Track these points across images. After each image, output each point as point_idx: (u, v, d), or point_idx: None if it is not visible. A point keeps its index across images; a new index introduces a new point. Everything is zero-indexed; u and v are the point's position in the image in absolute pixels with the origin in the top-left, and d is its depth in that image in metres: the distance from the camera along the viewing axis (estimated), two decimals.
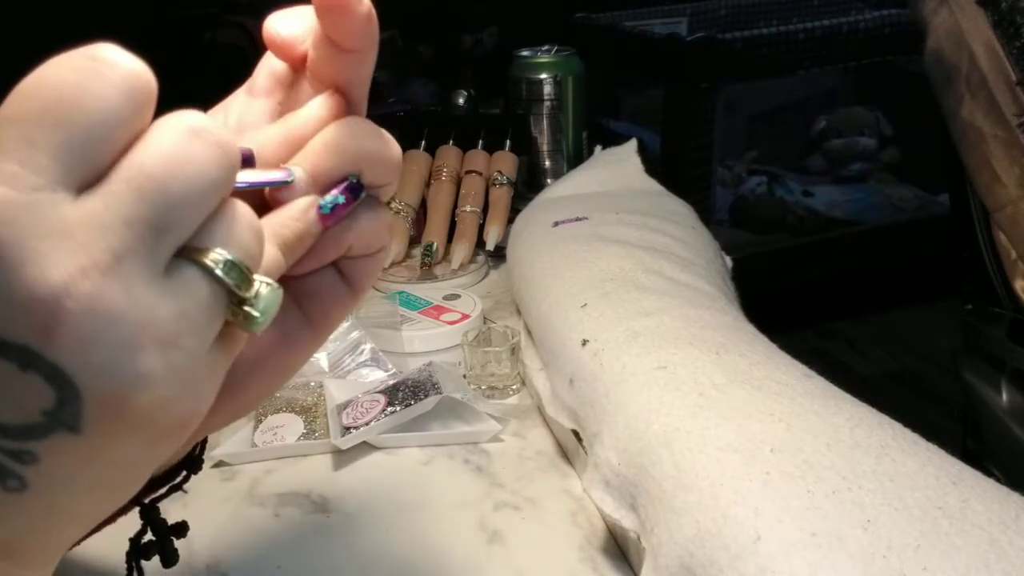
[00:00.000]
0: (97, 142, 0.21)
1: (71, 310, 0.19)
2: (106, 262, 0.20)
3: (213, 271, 0.22)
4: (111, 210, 0.20)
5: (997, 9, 0.67)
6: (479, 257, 0.88)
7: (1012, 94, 0.67)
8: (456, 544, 0.49)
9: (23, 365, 0.19)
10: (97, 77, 0.21)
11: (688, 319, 0.50)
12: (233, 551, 0.49)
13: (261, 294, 0.23)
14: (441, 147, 0.96)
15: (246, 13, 1.29)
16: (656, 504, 0.39)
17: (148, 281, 0.21)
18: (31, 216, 0.19)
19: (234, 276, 0.22)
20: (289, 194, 0.26)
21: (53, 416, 0.20)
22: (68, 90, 0.20)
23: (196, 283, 0.22)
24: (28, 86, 0.20)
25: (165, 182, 0.21)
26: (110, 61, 0.21)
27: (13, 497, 0.20)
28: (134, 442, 0.21)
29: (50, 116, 0.20)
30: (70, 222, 0.20)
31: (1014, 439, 0.73)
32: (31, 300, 0.19)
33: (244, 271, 0.23)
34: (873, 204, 1.86)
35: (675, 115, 1.47)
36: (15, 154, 0.20)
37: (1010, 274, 0.74)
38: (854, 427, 0.38)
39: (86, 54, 0.21)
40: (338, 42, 0.26)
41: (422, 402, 0.57)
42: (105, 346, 0.20)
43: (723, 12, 1.75)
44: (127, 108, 0.21)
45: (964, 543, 0.31)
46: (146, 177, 0.21)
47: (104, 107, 0.20)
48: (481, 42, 1.49)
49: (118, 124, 0.21)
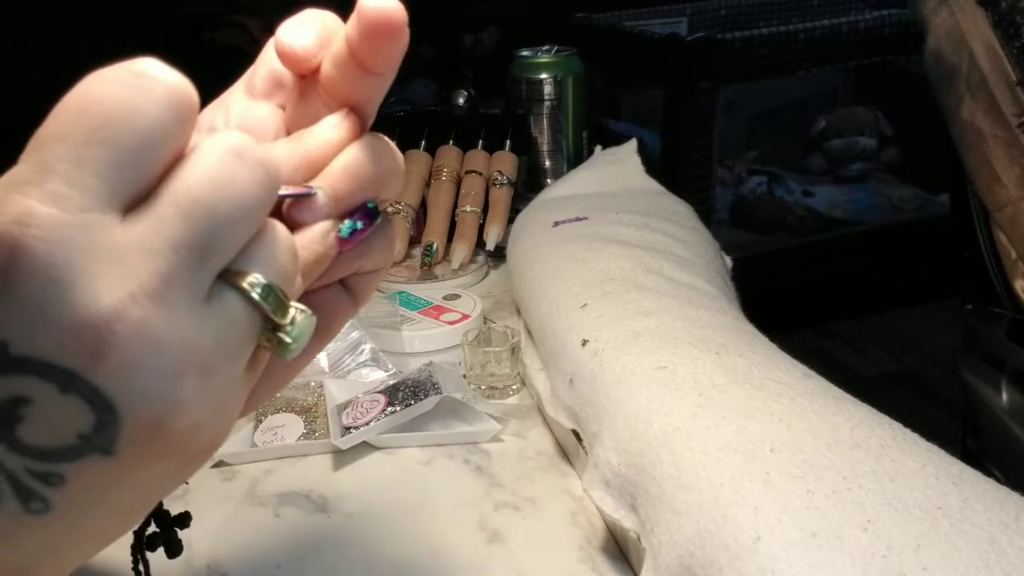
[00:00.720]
0: (145, 160, 0.20)
1: (120, 335, 0.19)
2: (154, 287, 0.20)
3: (252, 296, 0.22)
4: (159, 234, 0.20)
5: (997, 9, 0.67)
6: (479, 257, 0.88)
7: (1012, 94, 0.67)
8: (456, 544, 0.49)
9: (64, 388, 0.19)
10: (143, 93, 0.20)
11: (688, 319, 0.50)
12: (233, 551, 0.49)
13: (296, 321, 0.23)
14: (441, 147, 0.96)
15: (246, 13, 1.29)
16: (656, 504, 0.39)
17: (191, 306, 0.20)
18: (82, 238, 0.19)
19: (271, 302, 0.22)
20: (309, 212, 0.25)
21: (88, 439, 0.19)
22: (115, 107, 0.20)
23: (235, 308, 0.22)
24: (73, 102, 0.20)
25: (212, 205, 0.21)
26: (154, 76, 0.21)
27: (35, 519, 0.20)
28: (164, 466, 0.21)
29: (98, 134, 0.20)
30: (120, 245, 0.19)
31: (1014, 439, 0.73)
32: (81, 324, 0.19)
33: (281, 297, 0.22)
34: (873, 204, 1.86)
35: (675, 115, 1.47)
36: (64, 174, 0.19)
37: (1010, 274, 0.74)
38: (854, 427, 0.38)
39: (130, 69, 0.20)
40: (368, 66, 0.25)
41: (422, 402, 0.57)
42: (149, 372, 0.19)
43: (723, 12, 1.75)
44: (173, 124, 0.21)
45: (964, 543, 0.31)
46: (193, 200, 0.20)
47: (151, 124, 0.20)
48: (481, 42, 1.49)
49: (165, 141, 0.21)
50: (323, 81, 0.26)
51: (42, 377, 0.19)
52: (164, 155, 0.21)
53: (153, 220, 0.20)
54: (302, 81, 0.27)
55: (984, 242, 0.76)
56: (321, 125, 0.26)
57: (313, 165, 0.26)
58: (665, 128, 1.50)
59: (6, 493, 0.19)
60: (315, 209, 0.25)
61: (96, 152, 0.19)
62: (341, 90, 0.26)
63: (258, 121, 0.27)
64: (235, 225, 0.21)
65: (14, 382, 0.19)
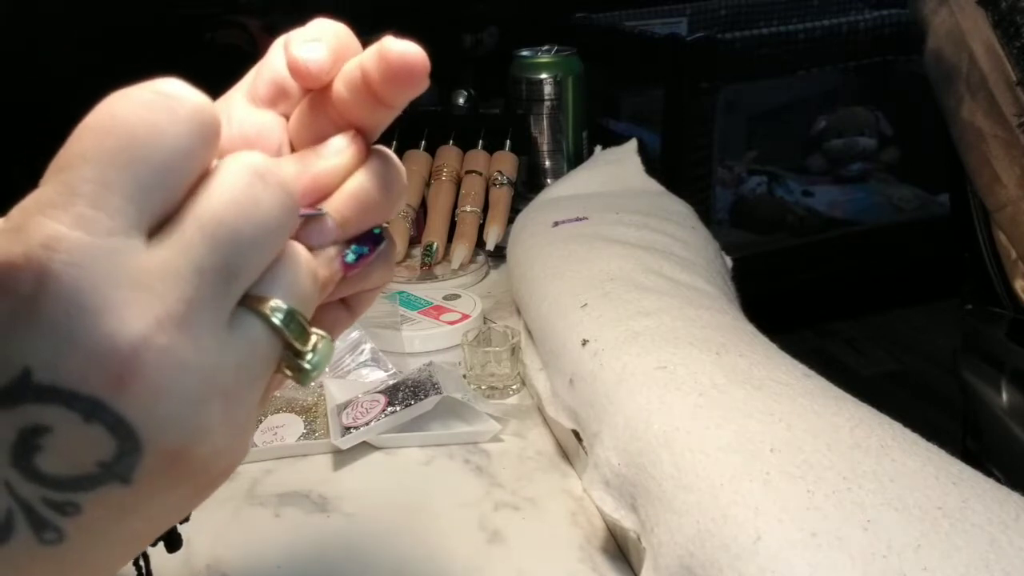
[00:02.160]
0: (171, 182, 0.20)
1: (147, 362, 0.19)
2: (180, 312, 0.19)
3: (274, 322, 0.21)
4: (185, 257, 0.20)
5: (997, 9, 0.67)
6: (479, 257, 0.88)
7: (1012, 94, 0.67)
8: (456, 544, 0.49)
9: (88, 417, 0.18)
10: (168, 114, 0.20)
11: (688, 319, 0.50)
12: (233, 551, 0.49)
13: (318, 347, 0.23)
14: (441, 147, 0.96)
15: (246, 13, 1.29)
16: (656, 504, 0.39)
17: (215, 332, 0.20)
18: (108, 263, 0.19)
19: (293, 328, 0.22)
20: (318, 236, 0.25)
21: (108, 467, 0.19)
22: (142, 128, 0.20)
23: (257, 334, 0.21)
24: (98, 122, 0.20)
25: (237, 228, 0.20)
26: (180, 97, 0.20)
27: (47, 550, 0.19)
28: (180, 492, 0.21)
29: (124, 156, 0.19)
30: (146, 270, 0.19)
31: (1014, 439, 0.73)
32: (108, 351, 0.18)
33: (303, 323, 0.22)
34: (873, 204, 1.86)
35: (675, 115, 1.47)
36: (90, 196, 0.19)
37: (1010, 274, 0.74)
38: (854, 427, 0.38)
39: (156, 89, 0.20)
40: (383, 100, 0.24)
41: (422, 402, 0.57)
42: (174, 399, 0.19)
43: (723, 12, 1.75)
44: (198, 145, 0.20)
45: (964, 543, 0.31)
46: (218, 223, 0.20)
47: (178, 146, 0.20)
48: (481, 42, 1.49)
49: (190, 162, 0.20)
50: (334, 100, 0.25)
51: (66, 406, 0.18)
52: (189, 176, 0.21)
53: (178, 243, 0.20)
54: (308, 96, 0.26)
55: (984, 242, 0.76)
56: (328, 148, 0.25)
57: (320, 189, 0.25)
58: (665, 128, 1.50)
59: (20, 524, 0.19)
60: (324, 233, 0.25)
61: (123, 174, 0.19)
62: (351, 113, 0.25)
63: (261, 129, 0.27)
64: (259, 247, 0.21)
65: (35, 411, 0.18)
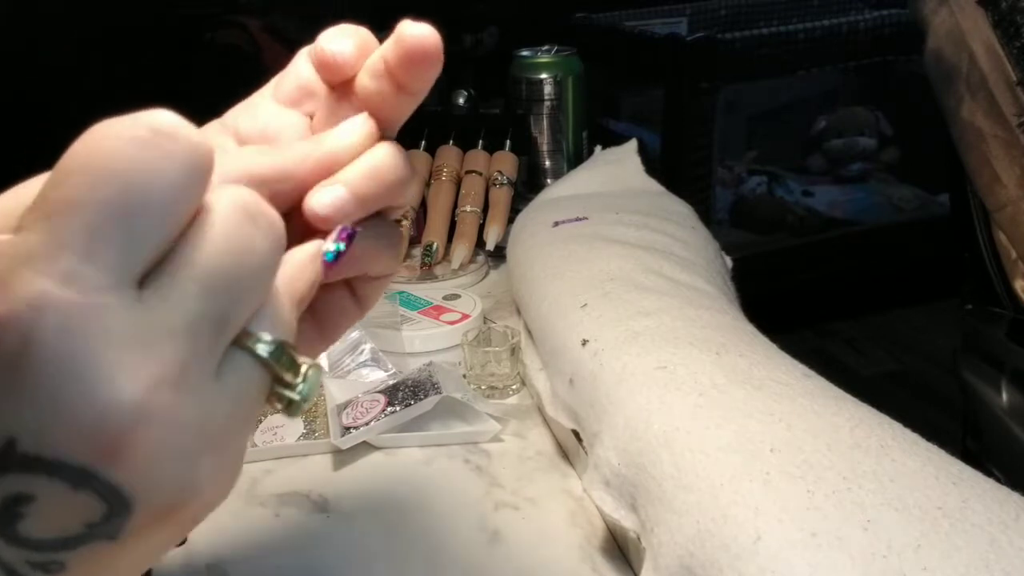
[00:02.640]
0: (163, 228, 0.19)
1: (141, 428, 0.18)
2: (176, 372, 0.18)
3: (263, 357, 0.21)
4: (178, 311, 0.19)
5: (997, 9, 0.67)
6: (479, 257, 0.88)
7: (1012, 94, 0.67)
8: (456, 544, 0.49)
9: (77, 486, 0.18)
10: (163, 156, 0.19)
11: (688, 319, 0.50)
12: (233, 551, 0.49)
13: (308, 377, 0.22)
14: (441, 147, 0.96)
15: (246, 13, 1.29)
16: (656, 504, 0.39)
17: (207, 382, 0.19)
18: (99, 323, 0.18)
19: (284, 361, 0.21)
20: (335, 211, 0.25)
21: (95, 527, 0.18)
22: (135, 173, 0.18)
23: (248, 372, 0.21)
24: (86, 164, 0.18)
25: (232, 277, 0.20)
26: (172, 135, 0.19)
27: None
28: (166, 535, 0.20)
29: (116, 204, 0.18)
30: (138, 327, 0.18)
31: (1014, 439, 0.73)
32: (99, 419, 0.17)
33: (292, 353, 0.22)
34: (873, 204, 1.86)
35: (675, 115, 1.47)
36: (79, 249, 0.18)
37: (1010, 274, 0.74)
38: (854, 427, 0.38)
39: (148, 126, 0.19)
40: (404, 85, 0.26)
41: (422, 402, 0.57)
42: (168, 461, 0.18)
43: (723, 12, 1.75)
44: (193, 188, 0.19)
45: (964, 543, 0.31)
46: (213, 274, 0.19)
47: (172, 191, 0.19)
48: (481, 42, 1.49)
49: (184, 206, 0.19)
50: (358, 92, 0.26)
51: (52, 476, 0.17)
52: (182, 220, 0.20)
53: (172, 296, 0.19)
54: (333, 93, 0.27)
55: (984, 242, 0.76)
56: (342, 126, 0.26)
57: (331, 165, 0.25)
58: (665, 128, 1.50)
59: None
60: (340, 208, 0.25)
61: (114, 223, 0.18)
62: (374, 103, 0.26)
63: (283, 128, 0.27)
64: (253, 293, 0.21)
65: (19, 480, 0.17)
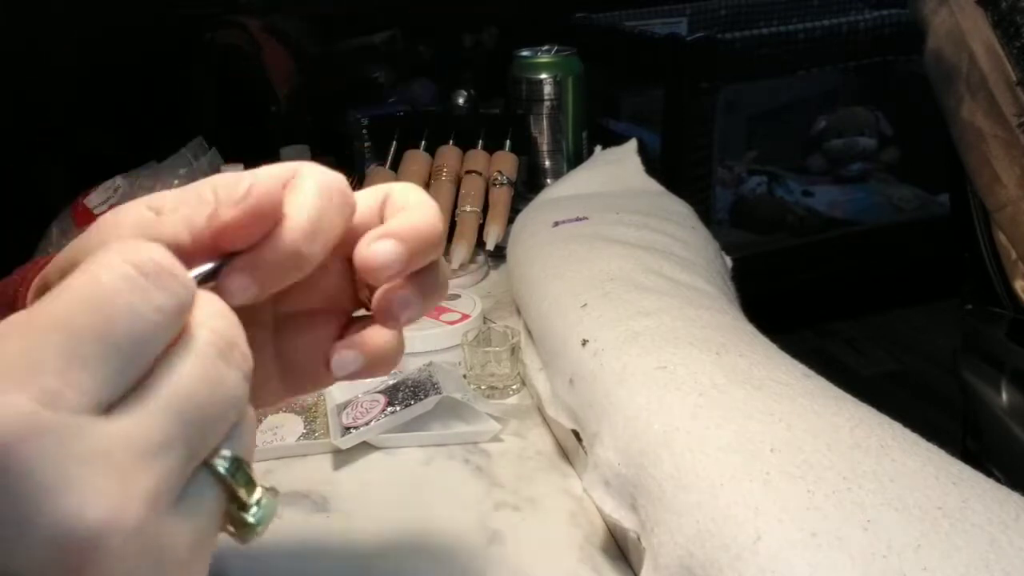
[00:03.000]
0: (141, 360, 0.20)
1: (108, 548, 0.18)
2: (146, 491, 0.19)
3: (220, 472, 0.21)
4: (151, 433, 0.19)
5: (997, 9, 0.67)
6: (479, 257, 0.88)
7: (1012, 94, 0.67)
8: (456, 544, 0.49)
9: None
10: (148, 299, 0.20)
11: (688, 319, 0.50)
12: (233, 551, 0.49)
13: (262, 502, 0.22)
14: (441, 147, 0.95)
15: (246, 13, 1.29)
16: (656, 504, 0.39)
17: (174, 503, 0.20)
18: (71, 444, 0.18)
19: (240, 478, 0.22)
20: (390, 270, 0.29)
21: None
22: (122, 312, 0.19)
23: (209, 492, 0.21)
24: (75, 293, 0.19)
25: (203, 405, 0.20)
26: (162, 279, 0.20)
27: None
28: None
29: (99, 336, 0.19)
30: (110, 449, 0.18)
31: (1014, 439, 0.73)
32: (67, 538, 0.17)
33: (249, 472, 0.22)
34: (873, 204, 1.86)
35: (675, 115, 1.47)
36: (57, 370, 0.18)
37: (1010, 274, 0.74)
38: (854, 427, 0.38)
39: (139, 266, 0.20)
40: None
41: (422, 402, 0.57)
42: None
43: (723, 12, 1.75)
44: (174, 325, 0.20)
45: (964, 543, 0.31)
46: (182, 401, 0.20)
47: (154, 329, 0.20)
48: (481, 42, 1.49)
49: (163, 342, 0.20)
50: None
51: None
52: (159, 351, 0.20)
53: (145, 419, 0.19)
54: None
55: (984, 242, 0.76)
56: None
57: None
58: (665, 128, 1.50)
59: None
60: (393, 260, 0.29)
61: (95, 352, 0.19)
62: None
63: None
64: (223, 421, 0.21)
65: None
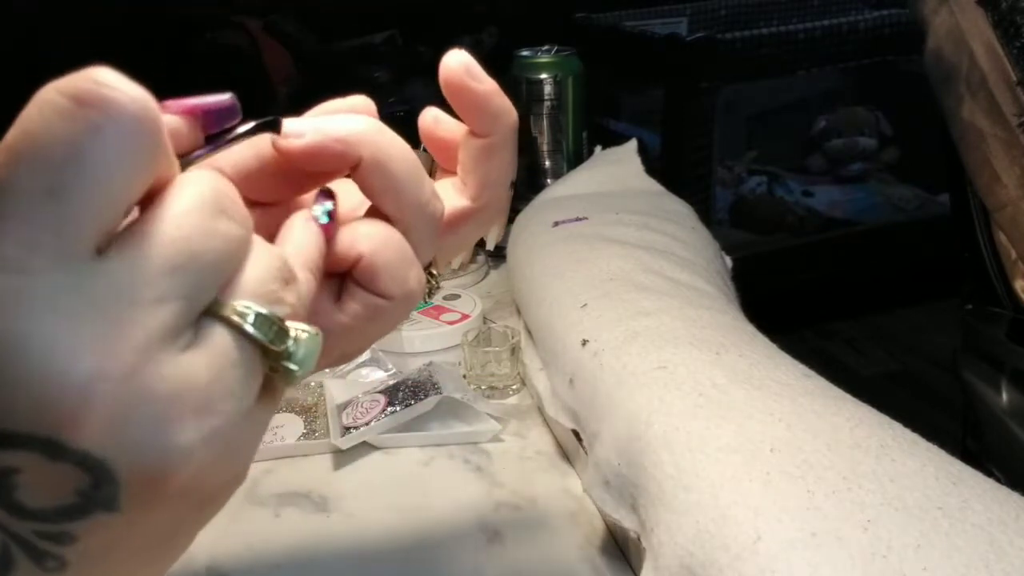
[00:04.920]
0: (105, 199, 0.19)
1: (101, 395, 0.18)
2: (136, 337, 0.18)
3: (243, 328, 0.21)
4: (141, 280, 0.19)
5: (997, 9, 0.67)
6: (479, 257, 0.88)
7: (1012, 94, 0.67)
8: (456, 544, 0.49)
9: (52, 456, 0.18)
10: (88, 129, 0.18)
11: (688, 319, 0.50)
12: (233, 551, 0.49)
13: (300, 340, 0.22)
14: None
15: (246, 13, 1.29)
16: (656, 504, 0.39)
17: (178, 349, 0.19)
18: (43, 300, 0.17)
19: (265, 331, 0.21)
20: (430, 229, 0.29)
21: (89, 496, 0.19)
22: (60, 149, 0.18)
23: (225, 343, 0.20)
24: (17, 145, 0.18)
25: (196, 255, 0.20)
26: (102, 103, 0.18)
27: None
28: (178, 510, 0.20)
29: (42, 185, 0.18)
30: (95, 297, 0.18)
31: (1014, 439, 0.73)
32: (57, 391, 0.18)
33: (276, 323, 0.21)
34: (873, 204, 1.86)
35: (675, 115, 1.47)
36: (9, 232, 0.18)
37: (1010, 274, 0.74)
38: (854, 427, 0.38)
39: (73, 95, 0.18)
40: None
41: (422, 402, 0.57)
42: (138, 425, 0.19)
43: (723, 12, 1.75)
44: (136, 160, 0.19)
45: (964, 543, 0.31)
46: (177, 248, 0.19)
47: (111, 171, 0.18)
48: (481, 42, 1.49)
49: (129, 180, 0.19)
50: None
51: (27, 449, 0.18)
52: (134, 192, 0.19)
53: (132, 266, 0.19)
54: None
55: (984, 242, 0.76)
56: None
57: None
58: (665, 128, 1.50)
59: (19, 557, 0.19)
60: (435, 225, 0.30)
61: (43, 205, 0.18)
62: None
63: None
64: (220, 269, 0.21)
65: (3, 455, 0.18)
